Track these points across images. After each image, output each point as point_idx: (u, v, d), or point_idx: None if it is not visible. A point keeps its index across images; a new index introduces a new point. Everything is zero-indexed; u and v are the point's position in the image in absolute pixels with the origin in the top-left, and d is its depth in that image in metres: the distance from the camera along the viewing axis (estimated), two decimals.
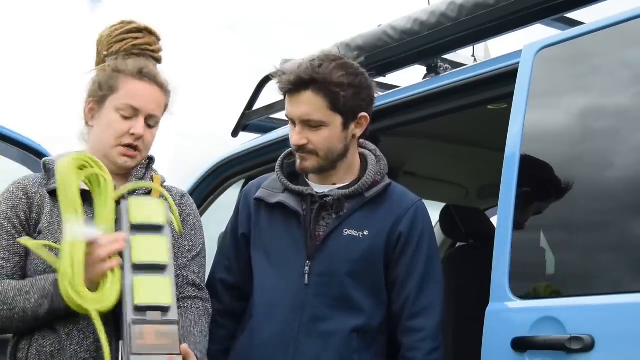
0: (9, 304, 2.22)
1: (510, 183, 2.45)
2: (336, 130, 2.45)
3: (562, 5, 2.78)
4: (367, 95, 2.50)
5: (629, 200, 2.25)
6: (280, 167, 2.60)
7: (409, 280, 2.47)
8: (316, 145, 2.45)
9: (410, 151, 4.06)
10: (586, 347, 2.12)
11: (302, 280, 2.45)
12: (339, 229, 2.47)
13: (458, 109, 3.03)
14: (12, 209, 2.34)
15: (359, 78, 2.46)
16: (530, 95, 2.50)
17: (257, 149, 3.79)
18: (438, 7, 3.07)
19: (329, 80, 2.40)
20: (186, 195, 2.58)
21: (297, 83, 2.42)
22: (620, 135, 2.34)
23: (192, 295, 2.43)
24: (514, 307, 2.35)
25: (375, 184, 2.52)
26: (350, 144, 2.52)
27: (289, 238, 2.51)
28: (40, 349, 2.28)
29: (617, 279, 2.24)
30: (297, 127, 2.47)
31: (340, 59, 2.48)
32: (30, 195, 2.37)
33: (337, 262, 2.45)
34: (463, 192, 4.64)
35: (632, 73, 2.36)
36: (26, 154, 3.66)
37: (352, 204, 2.49)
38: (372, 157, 2.59)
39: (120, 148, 2.38)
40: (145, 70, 2.43)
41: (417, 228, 2.50)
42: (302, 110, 2.43)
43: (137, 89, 2.40)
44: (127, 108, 2.38)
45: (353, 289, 2.45)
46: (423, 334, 2.43)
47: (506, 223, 2.42)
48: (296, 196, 2.53)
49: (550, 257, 2.48)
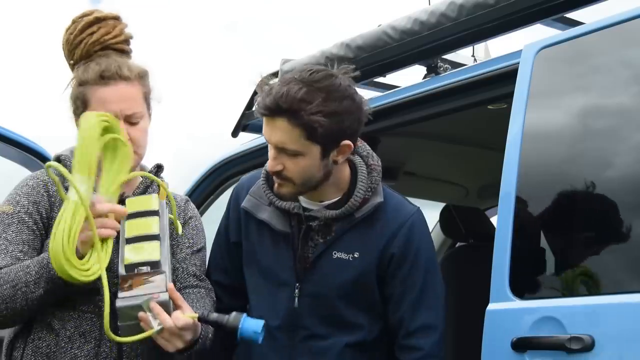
0: (11, 280, 2.17)
1: (510, 183, 2.44)
2: (314, 160, 2.29)
3: (562, 5, 2.77)
4: (353, 120, 2.30)
5: (629, 200, 2.25)
6: (265, 178, 2.48)
7: (404, 297, 2.41)
8: (292, 174, 2.31)
9: (410, 151, 4.06)
10: (586, 347, 2.12)
11: (293, 303, 2.40)
12: (328, 252, 2.39)
13: (458, 109, 3.02)
14: (33, 204, 2.32)
15: (343, 104, 2.26)
16: (530, 95, 2.49)
17: (257, 149, 3.79)
18: (438, 7, 3.07)
19: (307, 111, 2.21)
20: (190, 201, 2.63)
21: (272, 110, 2.25)
22: (621, 135, 2.34)
23: (194, 284, 2.43)
24: (514, 307, 2.35)
25: (366, 202, 2.40)
26: (332, 168, 2.36)
27: (278, 258, 2.44)
28: (36, 350, 2.28)
29: (617, 279, 2.24)
30: (272, 152, 2.32)
31: (325, 80, 2.26)
32: (52, 194, 2.35)
33: (327, 286, 2.39)
34: (463, 192, 4.64)
35: (632, 73, 2.35)
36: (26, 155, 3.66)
37: (341, 224, 2.40)
38: (364, 168, 2.44)
39: None
40: (106, 71, 2.35)
41: (411, 246, 2.41)
42: (277, 137, 2.27)
43: (103, 95, 2.34)
44: None
45: (346, 309, 2.40)
46: (422, 352, 2.38)
47: (506, 223, 2.42)
48: (283, 213, 2.43)
49: (550, 257, 2.48)
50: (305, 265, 2.41)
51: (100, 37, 2.41)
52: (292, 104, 2.21)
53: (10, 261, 2.24)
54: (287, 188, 2.36)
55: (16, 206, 2.31)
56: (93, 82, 2.35)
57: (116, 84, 2.35)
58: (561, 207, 2.43)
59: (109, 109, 2.32)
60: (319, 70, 2.30)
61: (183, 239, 2.47)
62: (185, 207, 2.56)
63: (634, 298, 2.11)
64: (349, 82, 2.32)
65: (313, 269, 2.40)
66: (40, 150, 3.69)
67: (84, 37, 2.42)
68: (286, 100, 2.22)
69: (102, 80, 2.35)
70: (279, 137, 2.27)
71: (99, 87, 2.35)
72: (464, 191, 4.64)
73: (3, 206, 2.33)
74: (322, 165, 2.32)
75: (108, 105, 2.33)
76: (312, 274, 2.40)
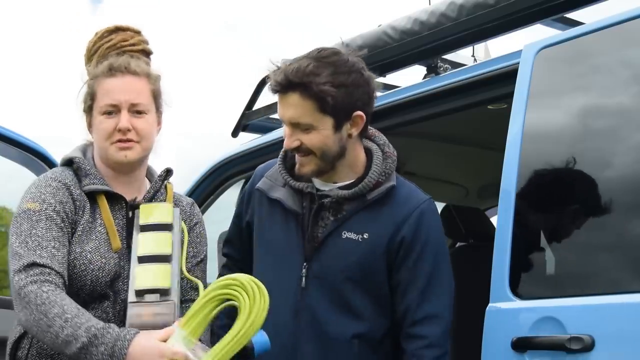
0: (48, 318, 2.12)
1: (510, 183, 2.45)
2: (328, 133, 2.36)
3: (562, 5, 2.78)
4: (363, 93, 2.38)
5: (629, 200, 2.25)
6: (282, 159, 2.53)
7: (412, 286, 2.40)
8: (311, 146, 2.38)
9: (410, 151, 4.06)
10: (586, 347, 2.12)
11: (300, 282, 2.42)
12: (338, 231, 2.42)
13: (458, 109, 3.02)
14: (60, 203, 2.30)
15: (352, 76, 2.35)
16: (530, 95, 2.49)
17: (257, 149, 3.79)
18: (438, 7, 3.07)
19: (317, 83, 2.30)
20: (195, 205, 2.62)
21: (284, 85, 2.34)
22: (620, 135, 2.34)
23: (194, 298, 2.43)
24: (514, 307, 2.35)
25: (379, 185, 2.43)
26: (348, 143, 2.42)
27: (287, 237, 2.47)
28: (41, 351, 2.27)
29: (616, 279, 2.24)
30: (288, 129, 2.40)
31: (333, 56, 2.37)
32: (75, 197, 2.34)
33: (334, 266, 2.40)
34: (463, 192, 4.64)
35: (632, 73, 2.36)
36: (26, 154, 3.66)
37: (353, 205, 2.42)
38: (379, 153, 2.49)
39: (115, 144, 2.36)
40: (115, 65, 2.39)
41: (421, 233, 2.41)
42: (291, 113, 2.35)
43: (109, 85, 2.37)
44: (107, 107, 2.36)
45: (352, 294, 2.40)
46: (426, 341, 2.37)
47: (506, 223, 2.42)
48: (296, 193, 2.48)
49: (550, 257, 2.48)
50: (315, 245, 2.42)
51: (117, 42, 2.47)
52: (302, 78, 2.31)
53: (47, 258, 2.20)
54: (309, 165, 2.41)
55: (42, 204, 2.29)
56: (101, 75, 2.39)
57: (123, 75, 2.38)
58: (561, 207, 2.43)
59: (113, 98, 2.34)
60: (327, 49, 2.41)
61: (188, 248, 2.47)
62: (190, 212, 2.56)
63: (634, 298, 2.11)
64: (358, 60, 2.40)
65: (322, 248, 2.41)
66: (40, 150, 3.68)
67: (102, 42, 2.48)
68: (296, 75, 2.31)
69: (110, 72, 2.38)
70: (292, 112, 2.35)
71: (106, 78, 2.38)
72: (464, 191, 4.64)
73: (29, 203, 2.30)
74: (336, 138, 2.38)
75: (112, 95, 2.35)
76: (321, 253, 2.41)
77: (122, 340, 2.07)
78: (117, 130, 2.34)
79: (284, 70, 2.34)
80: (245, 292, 2.09)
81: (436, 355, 2.37)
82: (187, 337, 2.10)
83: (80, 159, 2.41)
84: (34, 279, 2.16)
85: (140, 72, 2.40)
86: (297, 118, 2.35)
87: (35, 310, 2.13)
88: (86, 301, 2.27)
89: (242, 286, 2.10)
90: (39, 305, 2.13)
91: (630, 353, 2.08)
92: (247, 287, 2.09)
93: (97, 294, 2.29)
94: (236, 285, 2.11)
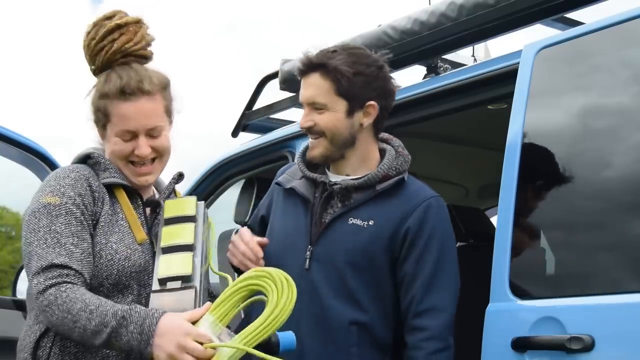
0: (73, 314, 2.13)
1: (510, 183, 2.45)
2: (340, 116, 2.48)
3: (562, 5, 2.78)
4: (379, 87, 2.50)
5: (629, 200, 2.25)
6: (301, 155, 2.64)
7: (416, 279, 2.42)
8: (322, 126, 2.49)
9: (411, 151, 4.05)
10: (586, 347, 2.12)
11: (304, 264, 2.47)
12: (345, 217, 2.47)
13: (458, 109, 3.03)
14: (79, 196, 2.29)
15: (371, 68, 2.48)
16: (530, 95, 2.50)
17: (257, 149, 3.79)
18: (438, 7, 3.07)
19: (337, 66, 2.45)
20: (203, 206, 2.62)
21: (307, 65, 2.50)
22: (620, 135, 2.34)
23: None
24: (514, 307, 2.35)
25: (388, 178, 2.50)
26: (359, 134, 2.51)
27: (297, 222, 2.54)
28: (64, 349, 2.25)
29: (616, 279, 2.24)
30: (305, 110, 2.53)
31: (358, 49, 2.54)
32: (94, 189, 2.33)
33: (337, 249, 2.45)
34: (463, 192, 4.64)
35: (632, 73, 2.36)
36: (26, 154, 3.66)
37: (361, 195, 2.49)
38: (392, 152, 2.58)
39: (131, 167, 2.37)
40: (127, 87, 2.34)
41: (426, 225, 2.45)
42: (309, 92, 2.50)
43: (126, 112, 2.34)
44: (124, 133, 2.35)
45: (353, 279, 2.43)
46: (427, 333, 2.38)
47: (506, 223, 2.42)
48: (310, 183, 2.56)
49: (550, 257, 2.48)
50: (321, 229, 2.48)
51: (121, 46, 2.41)
52: (322, 58, 2.48)
53: (66, 256, 2.20)
54: (319, 148, 2.52)
55: (62, 197, 2.27)
56: (114, 97, 2.34)
57: (137, 99, 2.34)
58: (561, 207, 2.43)
59: (130, 125, 2.33)
60: (352, 44, 2.64)
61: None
62: None
63: (634, 298, 2.11)
64: (381, 58, 2.54)
65: (327, 232, 2.48)
66: (41, 150, 3.69)
67: (105, 44, 2.41)
68: (318, 56, 2.49)
69: (124, 96, 2.34)
70: (310, 92, 2.50)
71: (120, 102, 2.34)
72: (464, 191, 4.64)
73: (48, 197, 2.29)
74: (348, 123, 2.49)
75: (130, 122, 2.33)
76: (326, 237, 2.48)
77: (151, 317, 2.10)
78: (135, 155, 2.36)
79: (308, 54, 2.52)
80: (274, 283, 2.11)
81: (437, 348, 2.38)
82: (215, 322, 2.12)
83: (98, 153, 2.41)
84: (53, 282, 2.16)
85: (153, 91, 2.37)
86: (314, 97, 2.49)
87: (57, 310, 2.13)
88: (109, 293, 2.27)
89: (271, 278, 2.11)
90: (60, 305, 2.13)
91: (630, 353, 2.08)
92: (276, 279, 2.11)
93: (122, 284, 2.28)
94: (265, 277, 2.12)
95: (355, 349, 2.41)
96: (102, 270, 2.27)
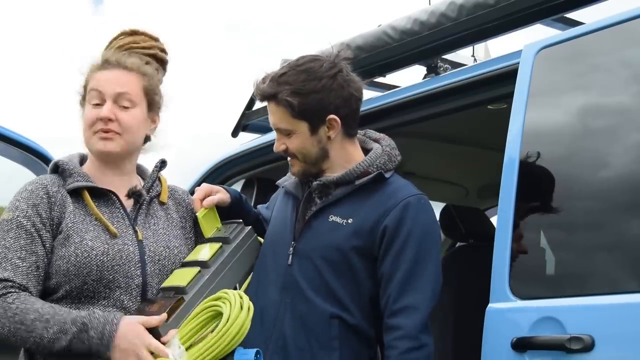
0: (27, 325, 2.18)
1: (510, 183, 2.45)
2: (305, 136, 2.50)
3: (562, 5, 2.78)
4: (336, 97, 2.48)
5: (628, 200, 2.25)
6: None
7: (392, 278, 2.41)
8: (292, 149, 2.53)
9: (410, 151, 4.05)
10: (586, 347, 2.12)
11: (287, 260, 2.51)
12: (325, 214, 2.50)
13: (458, 109, 3.03)
14: (32, 207, 2.32)
15: (323, 82, 2.46)
16: (530, 95, 2.50)
17: (257, 149, 3.79)
18: (438, 7, 3.07)
19: (285, 96, 2.46)
20: (189, 194, 2.66)
21: (260, 96, 2.56)
22: (620, 135, 2.34)
23: None
24: (514, 307, 2.35)
25: (368, 174, 2.50)
26: (330, 145, 2.52)
27: (284, 220, 2.60)
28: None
29: (616, 279, 2.24)
30: (276, 134, 2.57)
31: (309, 63, 2.50)
32: (52, 194, 2.36)
33: (314, 245, 2.48)
34: (463, 192, 4.64)
35: (632, 73, 2.36)
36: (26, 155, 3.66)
37: (340, 190, 2.51)
38: (379, 150, 2.57)
39: (97, 134, 2.38)
40: (111, 59, 2.44)
41: (404, 224, 2.42)
42: (272, 120, 2.54)
43: (100, 76, 2.42)
44: (94, 97, 2.39)
45: (330, 275, 2.44)
46: (400, 332, 2.37)
47: (506, 223, 2.42)
48: (301, 182, 2.61)
49: (550, 257, 2.48)
50: (302, 225, 2.53)
51: (127, 43, 2.51)
52: (271, 89, 2.50)
53: (10, 271, 2.24)
54: (296, 167, 2.58)
55: (15, 211, 2.33)
56: (95, 70, 2.44)
57: (113, 69, 2.43)
58: (561, 207, 2.43)
59: (99, 86, 2.38)
60: (306, 56, 2.56)
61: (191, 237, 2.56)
62: (189, 202, 2.60)
63: (634, 298, 2.11)
64: (338, 64, 2.51)
65: (307, 228, 2.52)
66: (41, 150, 3.68)
67: (113, 42, 2.53)
68: (268, 86, 2.51)
69: (104, 65, 2.44)
70: (273, 120, 2.54)
71: (99, 71, 2.43)
72: (464, 191, 4.64)
73: (5, 213, 2.34)
74: (314, 141, 2.51)
75: (99, 84, 2.39)
76: (306, 233, 2.52)
77: (110, 324, 2.18)
78: (99, 120, 2.36)
79: (262, 83, 2.54)
80: (229, 302, 2.24)
81: (409, 347, 2.35)
82: (179, 342, 2.21)
83: (63, 161, 2.44)
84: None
85: (132, 68, 2.43)
86: (277, 124, 2.53)
87: (7, 322, 2.19)
88: (96, 289, 2.29)
89: (228, 298, 2.26)
90: (11, 318, 2.19)
91: (630, 353, 2.08)
92: (231, 299, 2.25)
93: (106, 279, 2.29)
94: (224, 298, 2.27)
95: (337, 342, 2.41)
96: (82, 267, 2.28)
